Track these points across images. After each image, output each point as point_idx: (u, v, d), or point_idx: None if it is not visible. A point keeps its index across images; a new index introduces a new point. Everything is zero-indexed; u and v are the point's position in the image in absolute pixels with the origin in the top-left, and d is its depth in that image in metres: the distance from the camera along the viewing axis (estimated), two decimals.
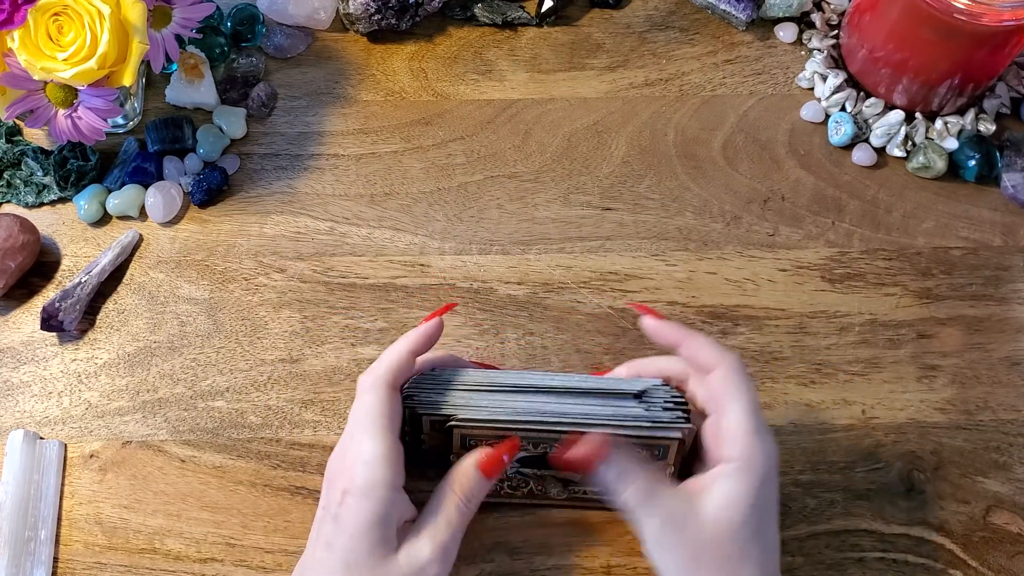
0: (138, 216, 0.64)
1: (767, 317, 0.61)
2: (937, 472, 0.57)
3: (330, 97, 0.68)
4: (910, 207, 0.65)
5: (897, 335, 0.61)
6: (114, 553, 0.55)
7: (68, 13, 0.55)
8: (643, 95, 0.69)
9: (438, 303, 0.61)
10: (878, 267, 0.63)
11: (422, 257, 0.63)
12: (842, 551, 0.55)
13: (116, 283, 0.62)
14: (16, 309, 0.62)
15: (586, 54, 0.70)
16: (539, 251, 0.63)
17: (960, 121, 0.66)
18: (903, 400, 0.59)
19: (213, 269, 0.63)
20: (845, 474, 0.57)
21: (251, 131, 0.67)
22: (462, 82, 0.69)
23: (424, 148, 0.67)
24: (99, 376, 0.60)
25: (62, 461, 0.57)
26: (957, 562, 0.55)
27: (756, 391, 0.47)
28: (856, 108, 0.67)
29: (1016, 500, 0.56)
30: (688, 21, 0.71)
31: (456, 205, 0.65)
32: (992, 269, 0.63)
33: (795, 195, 0.65)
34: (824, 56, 0.68)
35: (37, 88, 0.58)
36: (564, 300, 0.62)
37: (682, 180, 0.65)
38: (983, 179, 0.65)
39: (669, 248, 0.63)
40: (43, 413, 0.59)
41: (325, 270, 0.62)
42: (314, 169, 0.66)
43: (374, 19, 0.68)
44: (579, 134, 0.67)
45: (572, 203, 0.65)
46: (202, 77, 0.67)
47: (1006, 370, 0.60)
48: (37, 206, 0.65)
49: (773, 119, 0.68)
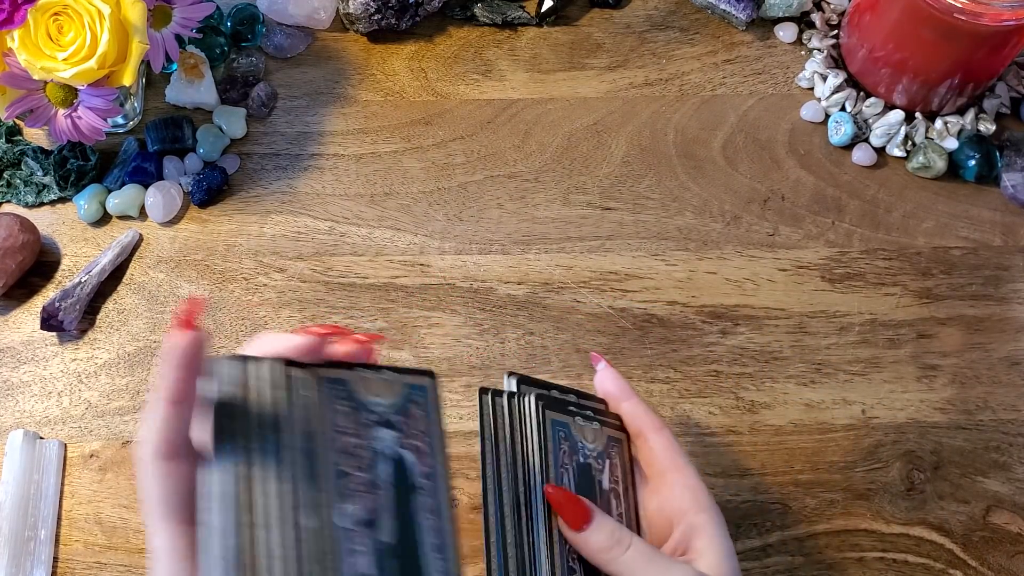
0: (138, 216, 0.64)
1: (767, 317, 0.61)
2: (937, 472, 0.57)
3: (330, 97, 0.68)
4: (910, 207, 0.65)
5: (897, 335, 0.61)
6: (114, 553, 0.55)
7: (68, 13, 0.55)
8: (643, 95, 0.69)
9: (438, 303, 0.61)
10: (878, 267, 0.63)
11: (422, 257, 0.63)
12: (842, 551, 0.55)
13: (116, 283, 0.62)
14: (16, 309, 0.62)
15: (586, 54, 0.70)
16: (539, 251, 0.63)
17: (960, 121, 0.66)
18: (903, 400, 0.59)
19: (213, 269, 0.63)
20: (845, 474, 0.57)
21: (251, 131, 0.67)
22: (462, 82, 0.69)
23: (424, 148, 0.67)
24: (99, 376, 0.60)
25: (62, 461, 0.57)
26: (957, 562, 0.55)
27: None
28: (856, 108, 0.67)
29: (1016, 500, 0.56)
30: (688, 21, 0.71)
31: (456, 205, 0.65)
32: (992, 269, 0.63)
33: (795, 195, 0.65)
34: (824, 56, 0.68)
35: (37, 88, 0.58)
36: (564, 300, 0.62)
37: (682, 180, 0.65)
38: (983, 179, 0.65)
39: (669, 248, 0.63)
40: (43, 413, 0.59)
41: (325, 270, 0.62)
42: (314, 169, 0.66)
43: (374, 19, 0.68)
44: (579, 134, 0.67)
45: (572, 203, 0.65)
46: (202, 77, 0.67)
47: (1006, 370, 0.60)
48: (37, 206, 0.65)
49: (773, 119, 0.68)
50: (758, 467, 0.57)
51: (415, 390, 0.39)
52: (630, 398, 0.46)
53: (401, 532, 0.35)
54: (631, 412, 0.46)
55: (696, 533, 0.42)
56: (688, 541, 0.42)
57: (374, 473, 0.36)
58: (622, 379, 0.47)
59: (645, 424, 0.45)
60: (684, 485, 0.43)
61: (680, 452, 0.44)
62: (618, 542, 0.40)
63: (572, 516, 0.40)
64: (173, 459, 0.33)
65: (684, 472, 0.43)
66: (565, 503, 0.41)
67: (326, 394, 0.35)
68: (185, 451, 0.34)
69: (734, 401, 0.59)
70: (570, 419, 0.44)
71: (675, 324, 0.61)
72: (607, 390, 0.47)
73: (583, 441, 0.44)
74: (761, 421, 0.58)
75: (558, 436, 0.43)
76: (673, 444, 0.44)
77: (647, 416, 0.45)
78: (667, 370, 0.60)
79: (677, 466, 0.43)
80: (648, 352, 0.60)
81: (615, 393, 0.46)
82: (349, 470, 0.35)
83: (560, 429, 0.43)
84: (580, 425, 0.44)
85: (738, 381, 0.59)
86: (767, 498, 0.56)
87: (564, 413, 0.44)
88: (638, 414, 0.45)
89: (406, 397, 0.38)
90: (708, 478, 0.57)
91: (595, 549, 0.40)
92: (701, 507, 0.42)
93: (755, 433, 0.58)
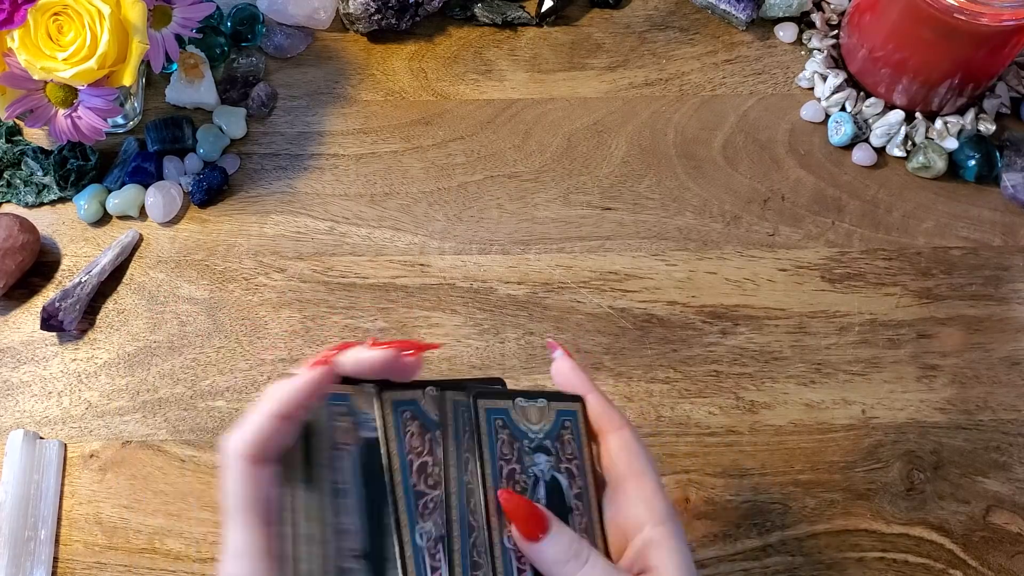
0: (138, 216, 0.64)
1: (767, 317, 0.61)
2: (937, 472, 0.57)
3: (330, 97, 0.68)
4: (910, 207, 0.65)
5: (897, 335, 0.61)
6: (114, 553, 0.55)
7: (68, 13, 0.55)
8: (643, 95, 0.69)
9: (438, 303, 0.61)
10: (878, 267, 0.63)
11: (422, 257, 0.63)
12: (842, 551, 0.55)
13: (116, 283, 0.62)
14: (16, 309, 0.62)
15: (586, 54, 0.70)
16: (539, 251, 0.63)
17: (960, 121, 0.66)
18: (903, 400, 0.59)
19: (213, 269, 0.63)
20: (845, 474, 0.57)
21: (251, 131, 0.67)
22: (462, 82, 0.69)
23: (424, 148, 0.67)
24: (99, 376, 0.60)
25: (62, 461, 0.57)
26: (957, 562, 0.55)
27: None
28: (856, 108, 0.67)
29: (1016, 500, 0.56)
30: (688, 21, 0.71)
31: (456, 205, 0.65)
32: (992, 269, 0.63)
33: (795, 195, 0.65)
34: (824, 56, 0.68)
35: (37, 88, 0.58)
36: (564, 300, 0.62)
37: (682, 180, 0.65)
38: (983, 179, 0.65)
39: (669, 248, 0.63)
40: (43, 413, 0.59)
41: (325, 270, 0.62)
42: (314, 169, 0.66)
43: (374, 19, 0.68)
44: (579, 134, 0.67)
45: (572, 203, 0.65)
46: (202, 77, 0.67)
47: (1006, 370, 0.60)
48: (37, 206, 0.65)
49: (773, 119, 0.68)
50: (758, 467, 0.57)
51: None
52: (590, 392, 0.42)
53: None
54: (590, 409, 0.42)
55: (652, 548, 0.38)
56: (645, 557, 0.38)
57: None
58: (581, 370, 0.42)
59: (603, 422, 0.41)
60: (639, 496, 0.39)
61: (639, 455, 0.40)
62: (576, 555, 0.37)
63: (526, 525, 0.37)
64: (258, 463, 0.34)
65: (641, 480, 0.39)
66: (519, 510, 0.37)
67: (485, 423, 0.39)
68: (268, 458, 0.35)
69: (734, 401, 0.59)
70: (508, 403, 0.41)
71: (675, 324, 0.61)
72: (564, 384, 0.42)
73: (526, 424, 0.41)
74: (761, 421, 0.58)
75: (494, 425, 0.40)
76: (631, 446, 0.40)
77: (607, 413, 0.41)
78: (667, 370, 0.60)
79: (634, 472, 0.39)
80: (648, 352, 0.60)
81: (573, 386, 0.42)
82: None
83: (496, 416, 0.41)
84: (522, 407, 0.41)
85: (738, 381, 0.59)
86: (767, 498, 0.56)
87: (501, 398, 0.41)
88: (597, 411, 0.41)
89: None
90: (708, 478, 0.57)
91: (551, 562, 0.37)
92: (658, 519, 0.38)
93: (755, 433, 0.58)
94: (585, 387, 0.42)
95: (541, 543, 0.37)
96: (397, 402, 0.38)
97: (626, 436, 0.40)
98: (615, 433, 0.40)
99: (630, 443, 0.40)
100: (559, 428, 0.41)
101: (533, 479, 0.39)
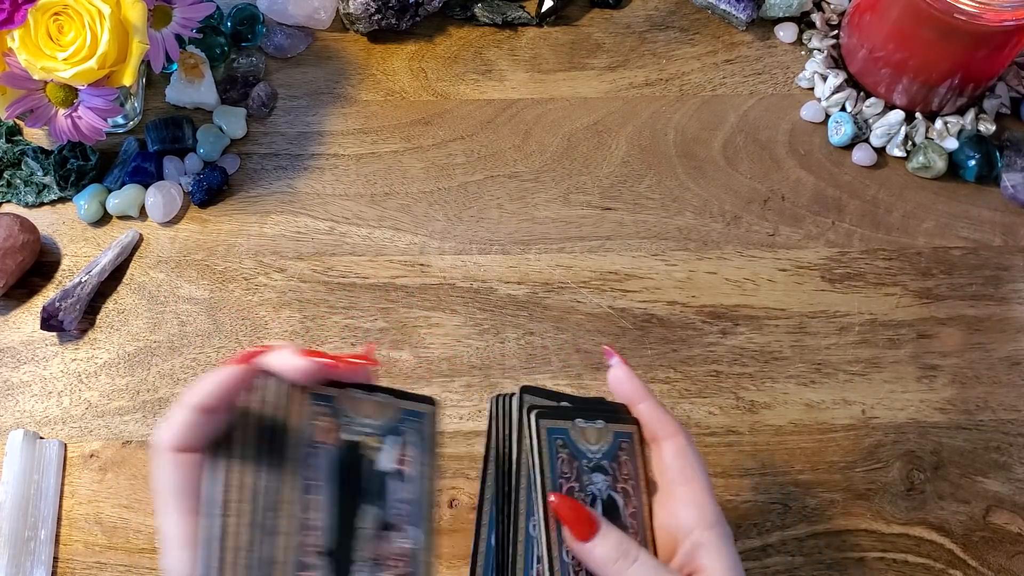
0: (138, 216, 0.64)
1: (767, 317, 0.61)
2: (937, 472, 0.57)
3: (330, 97, 0.68)
4: (910, 207, 0.65)
5: (897, 335, 0.61)
6: (114, 553, 0.55)
7: (68, 13, 0.55)
8: (643, 95, 0.69)
9: (438, 302, 0.61)
10: (878, 267, 0.63)
11: (422, 257, 0.63)
12: (842, 551, 0.55)
13: (116, 283, 0.62)
14: (16, 309, 0.62)
15: (586, 54, 0.70)
16: (539, 251, 0.63)
17: (960, 121, 0.66)
18: (903, 400, 0.59)
19: (213, 269, 0.63)
20: (845, 474, 0.57)
21: (251, 131, 0.67)
22: (462, 82, 0.69)
23: (424, 148, 0.67)
24: (99, 376, 0.60)
25: (62, 461, 0.57)
26: (957, 562, 0.55)
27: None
28: (856, 108, 0.67)
29: (1016, 500, 0.56)
30: (688, 21, 0.71)
31: (456, 205, 0.65)
32: (992, 269, 0.63)
33: (795, 195, 0.65)
34: (824, 56, 0.68)
35: (37, 88, 0.58)
36: (564, 300, 0.62)
37: (682, 180, 0.65)
38: (983, 179, 0.65)
39: (669, 248, 0.63)
40: (43, 413, 0.59)
41: (325, 270, 0.62)
42: (314, 169, 0.66)
43: (374, 19, 0.68)
44: (579, 134, 0.67)
45: (572, 203, 0.65)
46: (202, 77, 0.67)
47: (1006, 370, 0.60)
48: (37, 206, 0.65)
49: (773, 119, 0.68)
50: (758, 467, 0.57)
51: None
52: (645, 399, 0.43)
53: None
54: (645, 415, 0.43)
55: (702, 550, 0.40)
56: (695, 559, 0.40)
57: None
58: (636, 378, 0.44)
59: (658, 429, 0.43)
60: (690, 501, 0.41)
61: (692, 462, 0.42)
62: (624, 554, 0.39)
63: (577, 526, 0.39)
64: (184, 451, 0.35)
65: (692, 486, 0.41)
66: (569, 513, 0.39)
67: (546, 443, 0.40)
68: (195, 447, 0.35)
69: (734, 401, 0.59)
70: (568, 423, 0.43)
71: (675, 324, 0.61)
72: (620, 392, 0.44)
73: (585, 443, 0.43)
74: (761, 421, 0.58)
75: (555, 444, 0.42)
76: (685, 452, 0.42)
77: (660, 420, 0.43)
78: (667, 370, 0.60)
79: (686, 478, 0.41)
80: (648, 352, 0.60)
81: (629, 395, 0.44)
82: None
83: (557, 436, 0.43)
84: (581, 427, 0.43)
85: (738, 381, 0.59)
86: (767, 498, 0.56)
87: (561, 419, 0.43)
88: (652, 418, 0.43)
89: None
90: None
91: (601, 561, 0.39)
92: (708, 523, 0.40)
93: (755, 433, 0.58)
94: (641, 394, 0.43)
95: (591, 543, 0.39)
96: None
97: (680, 443, 0.42)
98: (670, 440, 0.42)
99: (684, 449, 0.42)
100: (616, 449, 0.42)
101: (591, 497, 0.41)
